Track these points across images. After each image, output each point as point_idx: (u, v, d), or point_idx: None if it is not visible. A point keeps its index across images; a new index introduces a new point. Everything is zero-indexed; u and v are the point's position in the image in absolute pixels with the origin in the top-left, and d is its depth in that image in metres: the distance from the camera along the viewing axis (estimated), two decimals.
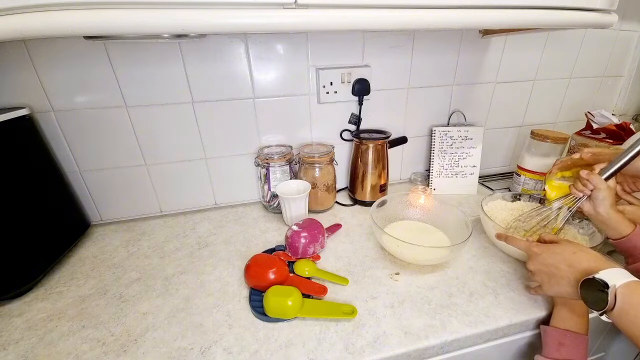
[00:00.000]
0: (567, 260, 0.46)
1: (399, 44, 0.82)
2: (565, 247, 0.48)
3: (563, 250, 0.47)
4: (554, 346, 0.47)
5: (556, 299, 0.52)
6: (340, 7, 0.45)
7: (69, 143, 0.72)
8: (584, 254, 0.45)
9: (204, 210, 0.86)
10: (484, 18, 0.50)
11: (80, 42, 0.64)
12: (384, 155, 0.84)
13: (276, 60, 0.76)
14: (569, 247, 0.48)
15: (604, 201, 0.55)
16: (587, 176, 0.56)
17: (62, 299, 0.58)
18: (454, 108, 0.94)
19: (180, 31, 0.42)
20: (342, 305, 0.52)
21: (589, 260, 0.44)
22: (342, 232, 0.75)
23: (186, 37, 0.66)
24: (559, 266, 0.46)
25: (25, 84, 0.65)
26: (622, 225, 0.54)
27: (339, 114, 0.86)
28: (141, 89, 0.71)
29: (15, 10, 0.37)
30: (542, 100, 1.02)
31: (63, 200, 0.72)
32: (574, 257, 0.46)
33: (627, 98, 1.11)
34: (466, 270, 0.61)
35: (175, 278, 0.62)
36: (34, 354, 0.47)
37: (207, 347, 0.47)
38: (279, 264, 0.58)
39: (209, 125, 0.78)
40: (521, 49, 0.91)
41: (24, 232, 0.59)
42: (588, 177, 0.56)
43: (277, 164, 0.78)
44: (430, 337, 0.48)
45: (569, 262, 0.45)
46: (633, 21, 0.98)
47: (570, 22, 0.54)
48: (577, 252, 0.46)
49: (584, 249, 0.47)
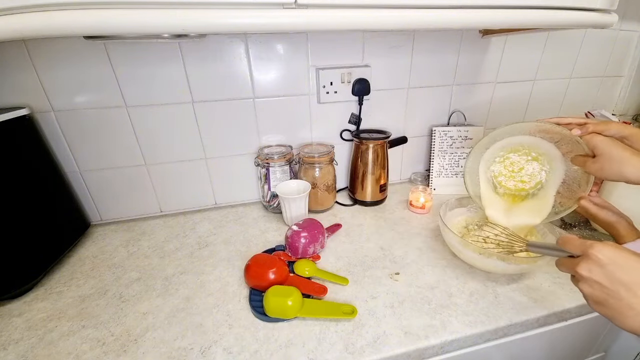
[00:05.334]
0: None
1: (399, 44, 0.82)
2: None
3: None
4: None
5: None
6: (340, 7, 0.45)
7: (69, 143, 0.72)
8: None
9: (204, 210, 0.86)
10: (484, 18, 0.50)
11: (80, 42, 0.64)
12: (384, 155, 0.84)
13: (276, 60, 0.76)
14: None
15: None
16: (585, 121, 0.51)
17: (62, 299, 0.58)
18: (454, 108, 0.94)
19: (180, 31, 0.42)
20: (342, 305, 0.52)
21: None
22: (342, 232, 0.75)
23: (186, 37, 0.66)
24: (635, 291, 0.32)
25: (25, 84, 0.65)
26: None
27: (339, 114, 0.86)
28: (141, 89, 0.71)
29: (15, 10, 0.36)
30: (542, 100, 1.02)
31: (63, 200, 0.72)
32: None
33: (627, 98, 1.11)
34: (466, 270, 0.61)
35: (175, 278, 0.62)
36: (34, 354, 0.47)
37: (207, 347, 0.47)
38: (279, 264, 0.58)
39: (209, 125, 0.78)
40: (521, 49, 0.91)
41: (24, 232, 0.59)
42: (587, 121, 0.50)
43: (277, 164, 0.78)
44: (430, 337, 0.48)
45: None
46: (633, 21, 0.98)
47: (570, 22, 0.54)
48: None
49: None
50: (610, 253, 0.34)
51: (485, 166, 0.66)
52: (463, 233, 0.68)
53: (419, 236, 0.73)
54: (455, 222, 0.71)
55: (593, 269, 0.35)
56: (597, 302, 0.35)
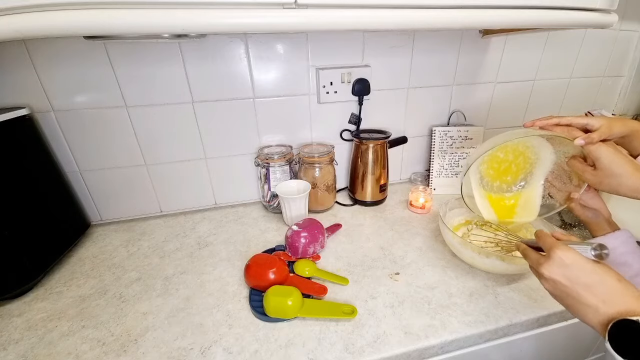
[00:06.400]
0: (606, 288, 0.35)
1: (399, 43, 0.82)
2: (608, 270, 0.37)
3: (605, 273, 0.36)
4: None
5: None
6: (340, 7, 0.45)
7: (69, 143, 0.72)
8: (629, 288, 0.35)
9: (204, 210, 0.86)
10: (484, 18, 0.50)
11: (80, 42, 0.64)
12: (384, 155, 0.84)
13: (276, 60, 0.76)
14: (612, 272, 0.37)
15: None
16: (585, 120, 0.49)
17: (62, 299, 0.58)
18: (454, 108, 0.94)
19: (180, 31, 0.42)
20: (342, 305, 0.52)
21: (633, 296, 0.35)
22: (342, 232, 0.75)
23: (186, 37, 0.65)
24: (592, 291, 0.36)
25: (25, 84, 0.65)
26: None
27: (339, 114, 0.86)
28: (141, 89, 0.71)
29: (15, 10, 0.36)
30: (542, 100, 1.02)
31: (63, 201, 0.72)
32: (616, 287, 0.35)
33: (627, 98, 1.11)
34: (466, 269, 0.61)
35: (175, 278, 0.62)
36: (33, 354, 0.47)
37: (207, 347, 0.47)
38: (279, 264, 0.58)
39: (209, 125, 0.78)
40: (521, 49, 0.91)
41: (24, 232, 0.59)
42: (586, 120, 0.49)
43: (277, 164, 0.78)
44: (430, 337, 0.48)
45: (608, 291, 0.35)
46: (633, 21, 0.98)
47: (570, 22, 0.54)
48: (623, 281, 0.36)
49: (627, 282, 0.36)
50: (572, 256, 0.38)
51: (475, 167, 0.64)
52: (463, 232, 0.68)
53: (419, 236, 0.73)
54: (455, 222, 0.71)
55: (553, 269, 0.38)
56: (557, 297, 0.40)
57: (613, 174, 0.47)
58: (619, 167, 0.46)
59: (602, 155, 0.47)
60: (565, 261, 0.38)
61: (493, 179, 0.62)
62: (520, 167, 0.60)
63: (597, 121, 0.49)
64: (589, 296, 0.36)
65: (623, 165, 0.46)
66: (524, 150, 0.59)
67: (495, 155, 0.60)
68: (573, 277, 0.37)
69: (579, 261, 0.37)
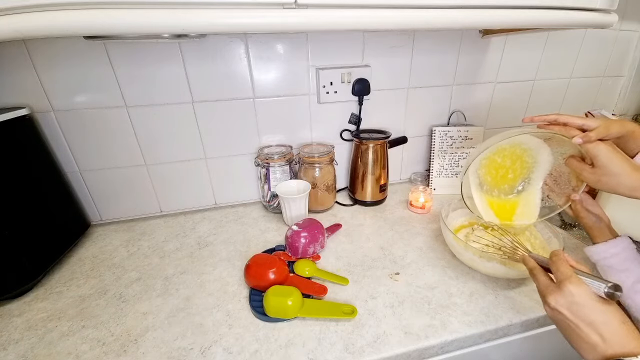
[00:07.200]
0: (609, 329, 0.36)
1: (399, 43, 0.82)
2: (616, 312, 0.37)
3: (612, 314, 0.36)
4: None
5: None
6: (340, 7, 0.45)
7: (69, 143, 0.72)
8: (633, 331, 0.35)
9: (204, 210, 0.86)
10: (484, 18, 0.50)
11: (80, 42, 0.64)
12: (384, 155, 0.84)
13: (276, 60, 0.76)
14: (618, 314, 0.37)
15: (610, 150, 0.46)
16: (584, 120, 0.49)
17: (62, 299, 0.58)
18: (454, 108, 0.94)
19: (180, 31, 0.42)
20: (342, 305, 0.52)
21: (635, 339, 0.35)
22: (342, 232, 0.75)
23: (186, 37, 0.66)
24: (594, 329, 0.36)
25: (25, 84, 0.65)
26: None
27: (339, 114, 0.86)
28: (141, 89, 0.71)
29: (15, 10, 0.37)
30: (542, 100, 1.02)
31: (63, 200, 0.72)
32: (620, 329, 0.35)
33: (627, 98, 1.11)
34: (466, 270, 0.61)
35: (175, 278, 0.62)
36: (33, 353, 0.47)
37: (207, 347, 0.47)
38: (279, 264, 0.58)
39: (209, 125, 0.78)
40: (521, 49, 0.91)
41: (24, 232, 0.59)
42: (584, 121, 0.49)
43: (277, 164, 0.78)
44: (430, 337, 0.48)
45: (610, 332, 0.35)
46: (633, 21, 0.98)
47: (570, 22, 0.54)
48: (627, 323, 0.36)
49: (631, 324, 0.36)
50: (584, 294, 0.37)
51: (473, 169, 0.64)
52: (467, 232, 0.67)
53: (419, 236, 0.73)
54: (457, 224, 0.71)
55: (561, 301, 0.38)
56: (557, 325, 0.40)
57: (611, 173, 0.47)
58: (617, 165, 0.46)
59: (600, 154, 0.47)
60: (576, 298, 0.37)
61: (491, 185, 0.62)
62: (518, 172, 0.60)
63: (594, 121, 0.49)
64: (591, 333, 0.36)
65: (621, 164, 0.46)
66: (521, 154, 0.59)
67: (493, 160, 0.61)
68: (580, 314, 0.37)
69: (589, 301, 0.37)
